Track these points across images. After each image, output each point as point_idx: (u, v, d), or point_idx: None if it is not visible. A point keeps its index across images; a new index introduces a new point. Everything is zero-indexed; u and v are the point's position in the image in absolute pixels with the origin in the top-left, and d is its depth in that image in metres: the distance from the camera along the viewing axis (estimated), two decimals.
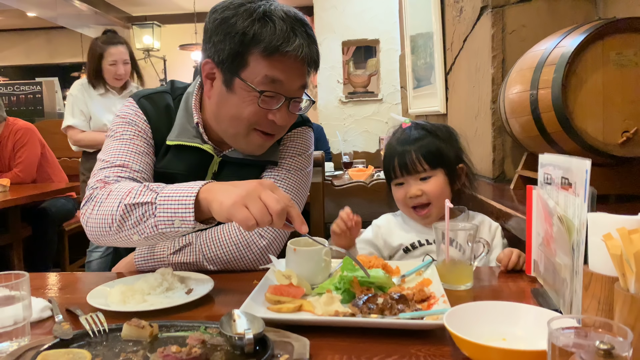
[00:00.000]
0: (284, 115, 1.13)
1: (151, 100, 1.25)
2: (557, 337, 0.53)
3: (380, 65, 5.70)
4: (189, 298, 0.95)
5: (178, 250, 1.17)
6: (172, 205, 0.95)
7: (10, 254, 3.08)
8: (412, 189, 1.28)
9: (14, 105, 6.84)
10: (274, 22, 1.06)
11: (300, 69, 1.11)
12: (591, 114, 1.29)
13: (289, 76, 1.10)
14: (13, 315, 0.77)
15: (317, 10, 5.65)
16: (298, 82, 1.12)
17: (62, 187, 3.29)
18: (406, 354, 0.72)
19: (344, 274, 0.94)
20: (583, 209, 0.70)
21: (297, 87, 1.13)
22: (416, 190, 1.27)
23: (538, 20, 1.80)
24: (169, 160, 1.21)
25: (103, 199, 1.05)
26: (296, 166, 1.29)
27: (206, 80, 1.16)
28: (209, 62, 1.13)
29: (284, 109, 1.12)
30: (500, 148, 1.88)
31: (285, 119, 1.14)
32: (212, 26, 1.11)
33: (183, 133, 1.20)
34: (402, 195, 1.30)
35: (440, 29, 2.57)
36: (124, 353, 0.72)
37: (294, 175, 1.28)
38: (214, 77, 1.15)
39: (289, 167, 1.27)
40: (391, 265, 1.06)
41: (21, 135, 3.31)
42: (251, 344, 0.68)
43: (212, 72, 1.14)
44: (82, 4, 6.77)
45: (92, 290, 0.99)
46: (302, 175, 1.29)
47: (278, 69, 1.08)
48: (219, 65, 1.12)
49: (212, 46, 1.12)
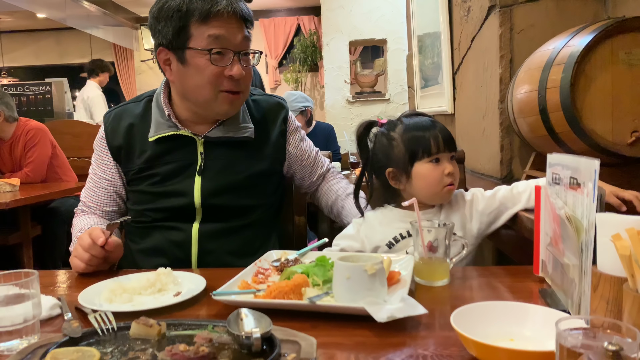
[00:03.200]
0: (239, 67, 1.26)
1: (114, 115, 1.41)
2: (565, 338, 0.53)
3: (388, 65, 5.69)
4: (174, 300, 0.95)
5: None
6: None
7: (20, 252, 3.11)
8: (449, 166, 1.26)
9: (24, 105, 6.90)
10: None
11: (236, 23, 1.25)
12: (600, 114, 1.28)
13: (228, 30, 1.24)
14: (23, 313, 0.78)
15: (324, 10, 5.65)
16: (239, 34, 1.26)
17: (72, 187, 3.32)
18: (413, 353, 0.72)
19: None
20: (592, 209, 0.69)
21: (240, 40, 1.26)
22: (452, 168, 1.26)
23: (546, 20, 1.79)
24: (154, 155, 1.34)
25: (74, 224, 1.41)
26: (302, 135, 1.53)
27: (165, 67, 1.31)
28: (162, 49, 1.28)
29: (236, 62, 1.26)
30: (508, 148, 1.87)
31: (240, 71, 1.26)
32: (152, 20, 1.28)
33: (159, 127, 1.34)
34: (439, 172, 1.26)
35: (447, 29, 2.56)
36: (132, 351, 0.73)
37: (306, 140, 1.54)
38: (169, 61, 1.29)
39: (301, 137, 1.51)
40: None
41: (32, 135, 3.34)
42: (259, 343, 0.69)
43: (166, 57, 1.29)
44: (91, 5, 6.83)
45: (87, 288, 1.01)
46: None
47: (216, 27, 1.23)
48: (169, 47, 1.27)
49: (158, 34, 1.27)
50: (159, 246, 1.34)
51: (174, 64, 1.28)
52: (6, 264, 3.21)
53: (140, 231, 1.38)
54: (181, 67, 1.27)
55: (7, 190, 3.02)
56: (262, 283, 1.03)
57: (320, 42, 7.14)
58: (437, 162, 1.27)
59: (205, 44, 1.23)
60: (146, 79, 8.76)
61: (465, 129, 2.34)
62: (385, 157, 1.32)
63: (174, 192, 1.33)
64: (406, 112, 1.40)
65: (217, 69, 1.24)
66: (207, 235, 1.32)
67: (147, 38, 7.48)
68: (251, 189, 1.37)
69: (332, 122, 5.50)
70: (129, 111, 1.40)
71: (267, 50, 8.29)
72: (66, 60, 9.22)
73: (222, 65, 1.25)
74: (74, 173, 3.66)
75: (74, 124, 4.67)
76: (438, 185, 1.27)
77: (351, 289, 0.87)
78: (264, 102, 1.47)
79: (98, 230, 1.15)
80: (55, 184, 3.43)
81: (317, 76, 7.97)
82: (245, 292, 0.95)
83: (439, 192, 1.28)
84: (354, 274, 0.87)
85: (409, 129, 1.31)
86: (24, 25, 8.71)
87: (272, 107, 1.46)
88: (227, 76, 1.26)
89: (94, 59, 6.12)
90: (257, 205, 1.39)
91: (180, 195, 1.32)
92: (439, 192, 1.28)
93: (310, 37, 7.80)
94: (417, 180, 1.28)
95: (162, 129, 1.34)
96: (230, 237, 1.34)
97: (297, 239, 1.65)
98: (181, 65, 1.26)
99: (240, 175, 1.35)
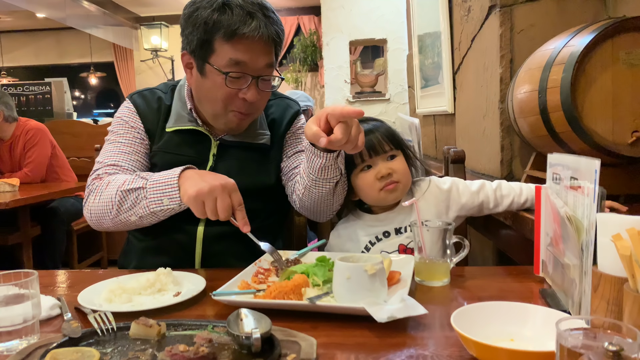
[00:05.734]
0: (254, 93, 1.23)
1: (142, 96, 1.39)
2: (565, 338, 0.53)
3: (388, 65, 5.68)
4: (174, 300, 0.95)
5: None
6: (160, 187, 1.16)
7: (20, 252, 3.11)
8: (382, 169, 1.25)
9: (24, 105, 6.89)
10: (231, 9, 1.18)
11: (262, 48, 1.21)
12: (600, 114, 1.28)
13: (251, 56, 1.20)
14: (22, 313, 0.78)
15: (324, 10, 5.65)
16: (262, 61, 1.22)
17: (72, 187, 3.32)
18: (413, 353, 0.72)
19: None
20: (592, 209, 0.69)
21: (262, 65, 1.23)
22: (386, 169, 1.25)
23: (547, 20, 1.79)
24: (168, 144, 1.33)
25: (103, 189, 1.23)
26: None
27: (186, 69, 1.30)
28: (185, 53, 1.27)
29: (253, 87, 1.23)
30: (509, 148, 1.87)
31: (255, 96, 1.23)
32: (183, 21, 1.25)
33: (179, 119, 1.33)
34: (371, 178, 1.26)
35: (448, 29, 2.56)
36: (132, 352, 0.73)
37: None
38: (192, 66, 1.27)
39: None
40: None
41: (32, 135, 3.34)
42: (258, 343, 0.69)
43: (189, 61, 1.27)
44: (91, 5, 6.82)
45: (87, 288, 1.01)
46: None
47: (240, 51, 1.19)
48: (192, 54, 1.25)
49: (185, 38, 1.25)
50: (162, 245, 1.32)
51: (194, 71, 1.27)
52: (6, 264, 3.22)
53: (145, 228, 1.35)
54: (199, 77, 1.26)
55: (6, 190, 3.02)
56: (262, 283, 1.03)
57: (320, 42, 7.14)
58: (369, 168, 1.28)
59: (224, 65, 1.20)
60: (146, 78, 8.75)
61: (465, 129, 2.34)
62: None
63: None
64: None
65: (231, 91, 1.22)
66: (212, 237, 1.31)
67: (146, 38, 7.46)
68: (260, 194, 1.34)
69: None
70: (156, 95, 1.39)
71: None
72: (66, 60, 9.21)
73: (238, 88, 1.22)
74: (73, 173, 3.66)
75: (73, 124, 4.68)
76: (373, 190, 1.27)
77: (351, 289, 0.87)
78: (275, 105, 1.45)
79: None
80: (55, 184, 3.43)
81: (317, 76, 7.97)
82: (245, 292, 0.95)
83: (377, 196, 1.28)
84: (354, 274, 0.87)
85: None
86: (24, 25, 8.71)
87: (282, 110, 1.44)
88: (240, 98, 1.23)
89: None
90: (264, 210, 1.36)
91: None
92: (378, 195, 1.28)
93: (310, 36, 7.80)
94: (358, 191, 1.30)
95: (182, 121, 1.33)
96: (235, 241, 1.31)
97: (297, 239, 1.65)
98: (200, 75, 1.25)
99: (249, 179, 1.31)
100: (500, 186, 1.32)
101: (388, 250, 1.28)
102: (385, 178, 1.25)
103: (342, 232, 1.35)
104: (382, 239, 1.30)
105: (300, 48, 7.71)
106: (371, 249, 1.30)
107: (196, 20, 1.20)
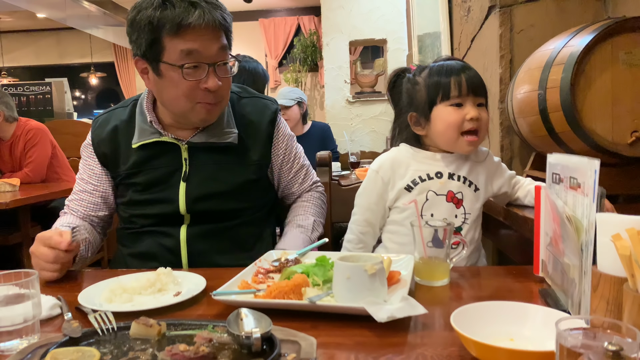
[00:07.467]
0: (214, 80, 1.22)
1: (100, 125, 1.40)
2: (565, 338, 0.53)
3: (388, 65, 5.68)
4: (174, 300, 0.95)
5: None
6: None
7: (20, 252, 3.10)
8: (472, 111, 1.21)
9: (24, 105, 6.90)
10: (172, 4, 1.17)
11: (211, 34, 1.20)
12: (600, 114, 1.28)
13: (201, 43, 1.19)
14: (23, 313, 0.78)
15: (324, 10, 5.65)
16: (214, 46, 1.21)
17: (72, 187, 3.30)
18: (413, 354, 0.72)
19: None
20: (592, 209, 0.69)
21: (215, 51, 1.21)
22: (476, 113, 1.21)
23: (546, 20, 1.79)
24: (139, 161, 1.33)
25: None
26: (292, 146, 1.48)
27: (143, 76, 1.29)
28: (138, 58, 1.25)
29: (211, 75, 1.22)
30: (508, 148, 1.87)
31: (216, 83, 1.22)
32: (128, 27, 1.24)
33: (142, 134, 1.33)
34: (459, 117, 1.21)
35: (447, 29, 2.56)
36: (132, 351, 0.73)
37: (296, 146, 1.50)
38: (147, 70, 1.26)
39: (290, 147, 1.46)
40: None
41: (32, 135, 3.34)
42: (259, 343, 0.69)
43: (144, 66, 1.26)
44: (91, 5, 6.82)
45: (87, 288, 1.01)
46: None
47: (190, 41, 1.18)
48: (144, 58, 1.23)
49: (133, 44, 1.24)
50: (149, 251, 1.34)
51: (151, 74, 1.26)
52: (6, 264, 3.21)
53: (131, 236, 1.37)
54: (157, 79, 1.24)
55: (7, 190, 3.02)
56: (262, 283, 1.03)
57: (320, 42, 7.14)
58: (458, 106, 1.22)
59: (177, 59, 1.19)
60: None
61: None
62: (408, 102, 1.30)
63: (159, 199, 1.32)
64: (440, 57, 1.35)
65: (191, 83, 1.21)
66: (196, 237, 1.32)
67: None
68: (237, 194, 1.34)
69: (332, 122, 5.50)
70: (115, 116, 1.38)
71: (267, 50, 8.29)
72: (66, 60, 9.22)
73: (197, 79, 1.21)
74: (74, 173, 3.66)
75: (74, 124, 4.68)
76: (457, 129, 1.22)
77: (351, 289, 0.87)
78: (251, 105, 1.42)
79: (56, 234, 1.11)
80: (55, 184, 3.43)
81: (317, 76, 7.97)
82: (245, 292, 0.95)
83: (457, 138, 1.23)
84: (354, 273, 0.87)
85: (432, 73, 1.26)
86: (24, 25, 8.71)
87: (259, 110, 1.41)
88: (202, 89, 1.22)
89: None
90: (245, 208, 1.37)
91: (165, 202, 1.31)
92: (457, 139, 1.23)
93: (310, 37, 7.80)
94: (436, 123, 1.24)
95: (145, 135, 1.32)
96: (220, 238, 1.33)
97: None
98: (156, 76, 1.24)
99: (225, 182, 1.32)
100: (523, 184, 1.39)
101: (436, 192, 1.24)
102: (472, 122, 1.21)
103: (400, 158, 1.30)
104: (434, 178, 1.26)
105: (300, 48, 7.71)
106: (414, 188, 1.26)
107: (140, 23, 1.19)
